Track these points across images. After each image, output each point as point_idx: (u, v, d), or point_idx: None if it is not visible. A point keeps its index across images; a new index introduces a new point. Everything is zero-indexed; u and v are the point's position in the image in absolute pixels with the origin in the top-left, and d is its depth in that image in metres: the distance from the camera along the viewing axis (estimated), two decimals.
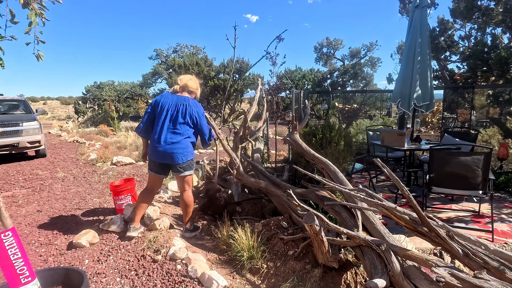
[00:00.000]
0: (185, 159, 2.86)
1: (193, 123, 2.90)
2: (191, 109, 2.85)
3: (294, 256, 2.36)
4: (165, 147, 2.79)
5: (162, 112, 2.83)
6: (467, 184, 3.07)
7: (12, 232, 1.71)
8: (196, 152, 8.04)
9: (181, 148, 2.81)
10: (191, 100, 2.91)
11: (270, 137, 9.07)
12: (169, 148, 2.79)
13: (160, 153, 2.81)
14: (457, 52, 8.61)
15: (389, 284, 1.76)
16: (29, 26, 1.89)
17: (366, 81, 22.49)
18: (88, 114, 18.27)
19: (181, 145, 2.82)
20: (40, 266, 2.55)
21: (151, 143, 2.89)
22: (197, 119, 2.90)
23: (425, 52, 4.41)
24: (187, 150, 2.86)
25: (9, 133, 6.66)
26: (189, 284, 2.21)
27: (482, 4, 6.57)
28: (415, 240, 2.82)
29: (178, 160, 2.82)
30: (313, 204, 2.91)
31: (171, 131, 2.81)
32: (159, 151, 2.81)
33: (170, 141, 2.79)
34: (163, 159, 2.85)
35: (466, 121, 9.31)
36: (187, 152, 2.87)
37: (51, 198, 4.37)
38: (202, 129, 2.97)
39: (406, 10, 8.31)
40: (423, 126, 13.31)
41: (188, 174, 2.94)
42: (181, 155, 2.83)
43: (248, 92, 16.87)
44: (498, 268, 1.61)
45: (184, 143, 2.84)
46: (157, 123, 2.85)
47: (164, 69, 23.34)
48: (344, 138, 3.57)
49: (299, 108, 6.62)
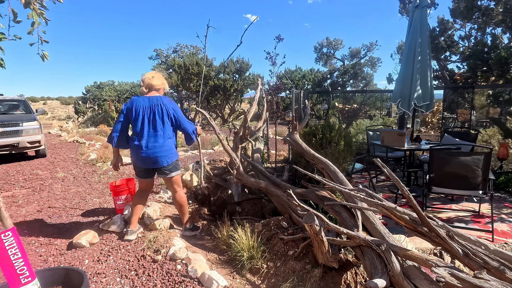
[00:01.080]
0: (170, 161, 2.81)
1: (172, 122, 2.81)
2: (167, 107, 2.76)
3: (294, 256, 2.36)
4: (147, 152, 2.72)
5: (137, 117, 2.73)
6: (467, 184, 3.07)
7: (12, 232, 1.71)
8: (196, 152, 8.05)
9: (164, 151, 2.75)
10: (164, 98, 2.82)
11: (270, 137, 9.07)
12: (151, 153, 2.72)
13: (144, 158, 2.74)
14: (457, 52, 8.61)
15: (389, 284, 1.76)
16: (32, 26, 1.89)
17: (366, 81, 22.48)
18: (88, 114, 18.28)
19: (164, 148, 2.75)
20: (40, 266, 2.55)
21: (133, 150, 2.80)
22: (175, 116, 2.81)
23: (425, 52, 4.41)
24: (171, 152, 2.81)
25: (9, 133, 6.66)
26: (189, 284, 2.21)
27: (482, 4, 6.57)
28: (415, 240, 2.82)
29: (163, 163, 2.77)
30: (313, 204, 2.91)
31: (152, 135, 2.73)
32: (142, 157, 2.74)
33: (152, 145, 2.72)
34: (148, 165, 2.79)
35: (466, 121, 9.32)
36: (171, 154, 2.81)
37: (51, 198, 4.37)
38: (182, 124, 2.86)
39: (406, 10, 8.31)
40: (423, 126, 13.31)
41: (175, 175, 2.90)
42: (166, 157, 2.77)
43: (248, 92, 16.88)
44: (498, 268, 1.61)
45: (167, 145, 2.78)
46: (135, 130, 2.76)
47: (164, 69, 23.32)
48: (344, 138, 3.57)
49: (299, 108, 6.62)
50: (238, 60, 15.73)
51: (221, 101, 15.69)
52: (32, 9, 1.85)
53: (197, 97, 15.49)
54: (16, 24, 1.89)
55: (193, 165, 5.20)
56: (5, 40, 1.87)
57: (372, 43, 22.99)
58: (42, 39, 1.97)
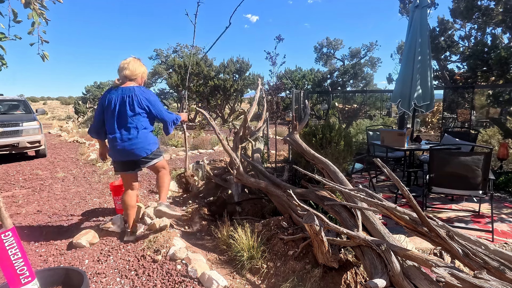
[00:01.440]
0: (149, 151, 2.72)
1: (146, 112, 2.69)
2: (138, 98, 2.64)
3: (294, 256, 2.36)
4: (123, 144, 2.64)
5: (110, 109, 2.65)
6: (467, 184, 3.07)
7: (12, 232, 1.71)
8: (196, 152, 8.04)
9: (140, 143, 2.66)
10: (137, 88, 2.68)
11: (270, 137, 9.07)
12: (127, 145, 2.64)
13: (120, 151, 2.67)
14: (457, 52, 8.61)
15: (389, 284, 1.76)
16: (32, 26, 1.89)
17: (366, 81, 22.48)
18: (88, 114, 18.28)
19: (140, 139, 2.66)
20: (40, 266, 2.55)
21: (110, 143, 2.73)
22: (149, 106, 2.68)
23: (425, 52, 4.41)
24: (147, 143, 2.70)
25: (9, 133, 6.66)
26: (189, 284, 2.21)
27: (482, 4, 6.57)
28: (415, 240, 2.82)
29: (142, 154, 2.69)
30: (313, 204, 2.91)
31: (124, 127, 2.64)
32: (119, 150, 2.66)
33: (126, 138, 2.64)
34: (126, 157, 2.70)
35: (466, 121, 9.32)
36: (149, 144, 2.71)
37: (51, 198, 4.37)
38: (159, 114, 2.73)
39: (406, 10, 8.31)
40: (423, 126, 13.31)
41: (157, 162, 2.82)
42: (143, 149, 2.68)
43: (248, 92, 16.88)
44: (498, 268, 1.61)
45: (142, 137, 2.67)
46: (108, 122, 2.70)
47: (164, 69, 23.32)
48: (344, 138, 3.57)
49: (299, 108, 6.62)
50: (238, 60, 15.73)
51: (221, 101, 15.69)
52: (32, 9, 1.85)
53: (197, 97, 15.50)
54: (16, 24, 1.89)
55: (193, 165, 5.20)
56: (5, 40, 1.87)
57: (372, 43, 22.98)
58: (42, 39, 1.97)
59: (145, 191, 4.54)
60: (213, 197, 4.23)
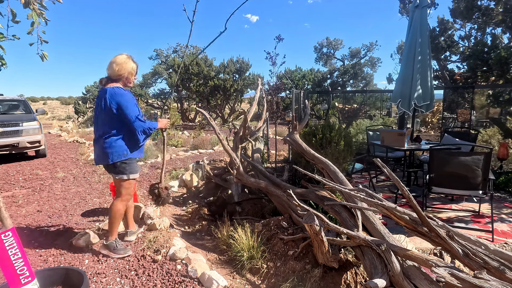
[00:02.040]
0: (112, 159, 2.50)
1: (115, 116, 2.48)
2: (108, 101, 2.45)
3: (294, 256, 2.36)
4: (95, 148, 2.61)
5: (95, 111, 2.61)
6: (467, 184, 3.07)
7: (12, 232, 1.71)
8: (196, 152, 8.04)
9: (104, 148, 2.50)
10: (109, 90, 2.49)
11: (270, 137, 9.07)
12: (96, 147, 2.60)
13: (95, 155, 2.62)
14: (457, 52, 8.60)
15: (389, 284, 1.76)
16: (32, 26, 1.89)
17: (366, 81, 22.47)
18: (88, 114, 18.29)
19: (106, 145, 2.49)
20: (40, 266, 2.55)
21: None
22: (117, 110, 2.45)
23: (425, 52, 4.41)
24: (112, 150, 2.49)
25: (9, 133, 6.66)
26: (189, 284, 2.21)
27: (482, 4, 6.57)
28: (415, 240, 2.82)
29: (104, 161, 2.53)
30: (313, 204, 2.91)
31: (97, 131, 2.57)
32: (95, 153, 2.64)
33: (96, 140, 2.59)
34: (97, 161, 2.61)
35: (466, 121, 9.31)
36: (113, 152, 2.49)
37: (51, 198, 4.37)
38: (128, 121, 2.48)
39: (406, 10, 8.31)
40: (423, 126, 13.31)
41: (119, 178, 2.56)
42: (107, 154, 2.50)
43: (248, 92, 16.88)
44: (498, 268, 1.61)
45: (108, 142, 2.49)
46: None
47: (164, 69, 23.32)
48: (344, 138, 3.57)
49: (299, 108, 6.62)
50: (238, 60, 15.72)
51: (221, 101, 15.69)
52: (31, 9, 1.85)
53: (197, 97, 15.50)
54: (15, 24, 1.89)
55: (193, 165, 5.21)
56: (4, 40, 1.87)
57: (372, 43, 22.97)
58: (42, 39, 1.97)
59: (145, 191, 4.53)
60: (213, 197, 4.23)
